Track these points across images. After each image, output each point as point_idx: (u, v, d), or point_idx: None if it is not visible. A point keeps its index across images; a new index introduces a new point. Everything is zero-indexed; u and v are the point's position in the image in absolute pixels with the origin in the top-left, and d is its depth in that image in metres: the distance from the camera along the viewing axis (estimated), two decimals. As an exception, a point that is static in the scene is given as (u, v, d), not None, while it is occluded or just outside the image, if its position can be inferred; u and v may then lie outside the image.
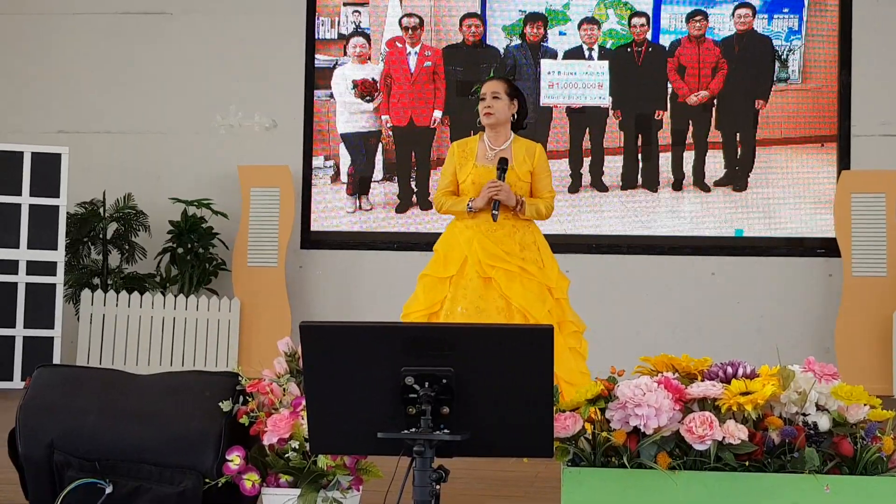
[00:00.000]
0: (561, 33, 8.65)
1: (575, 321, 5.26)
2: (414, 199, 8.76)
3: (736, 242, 8.50)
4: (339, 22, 8.90)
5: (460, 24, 8.77)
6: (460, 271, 5.16)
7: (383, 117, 8.80)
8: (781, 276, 8.37)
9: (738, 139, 8.50)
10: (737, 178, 8.49)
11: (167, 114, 8.99)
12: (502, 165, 5.13)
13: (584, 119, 8.64)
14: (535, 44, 8.65)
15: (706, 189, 8.50)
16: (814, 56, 8.46)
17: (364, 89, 8.83)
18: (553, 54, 8.66)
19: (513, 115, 5.30)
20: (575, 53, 8.66)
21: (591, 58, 8.65)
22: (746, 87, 8.52)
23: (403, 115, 8.79)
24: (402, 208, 8.77)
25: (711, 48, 8.55)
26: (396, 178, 8.78)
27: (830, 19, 8.45)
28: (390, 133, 8.79)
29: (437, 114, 8.75)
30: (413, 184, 8.77)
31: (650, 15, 8.60)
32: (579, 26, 8.65)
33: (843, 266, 8.06)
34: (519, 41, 8.68)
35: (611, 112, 8.60)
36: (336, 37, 8.90)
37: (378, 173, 8.81)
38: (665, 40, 8.60)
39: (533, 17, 8.67)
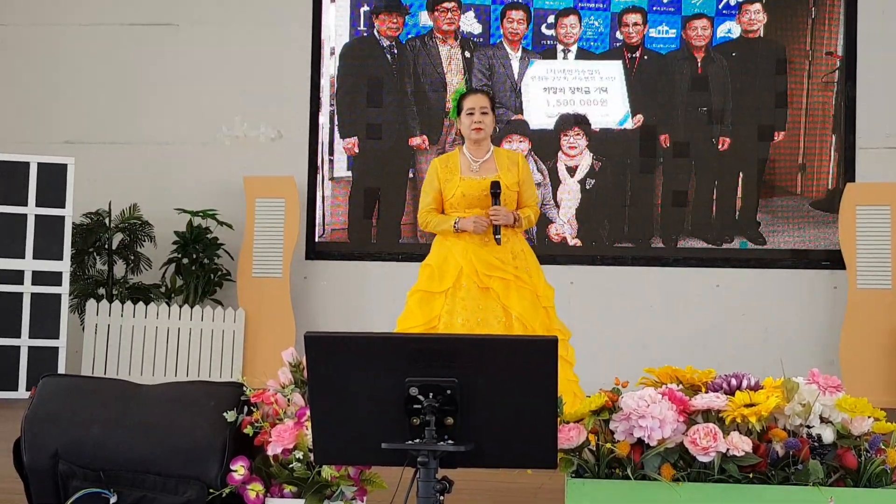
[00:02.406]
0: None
1: (561, 329, 5.32)
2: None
3: (741, 255, 8.49)
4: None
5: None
6: (455, 283, 5.21)
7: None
8: (786, 288, 8.37)
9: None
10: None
11: (173, 124, 9.01)
12: (495, 190, 5.19)
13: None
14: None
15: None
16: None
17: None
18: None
19: (495, 128, 5.47)
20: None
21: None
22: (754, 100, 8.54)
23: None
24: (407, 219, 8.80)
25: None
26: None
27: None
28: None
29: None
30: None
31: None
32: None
33: (848, 278, 8.05)
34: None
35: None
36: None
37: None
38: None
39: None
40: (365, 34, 8.98)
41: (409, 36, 8.92)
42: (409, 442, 2.26)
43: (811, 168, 8.47)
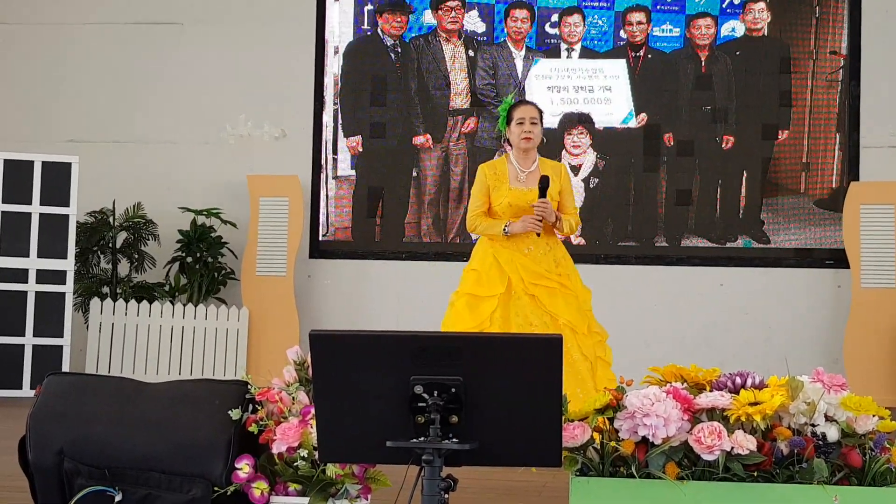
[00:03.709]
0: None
1: (600, 331, 5.44)
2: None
3: (744, 253, 8.49)
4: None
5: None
6: (507, 290, 5.28)
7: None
8: (790, 287, 8.36)
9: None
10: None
11: (177, 123, 9.02)
12: (544, 183, 5.25)
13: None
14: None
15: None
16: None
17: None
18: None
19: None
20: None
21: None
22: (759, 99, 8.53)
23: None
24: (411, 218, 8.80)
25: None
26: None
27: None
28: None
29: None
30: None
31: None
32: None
33: (852, 277, 8.05)
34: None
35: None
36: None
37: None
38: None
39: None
40: (368, 33, 8.98)
41: (413, 35, 8.92)
42: (414, 440, 2.26)
43: (815, 167, 8.47)
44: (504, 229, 5.29)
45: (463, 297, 5.38)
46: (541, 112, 5.51)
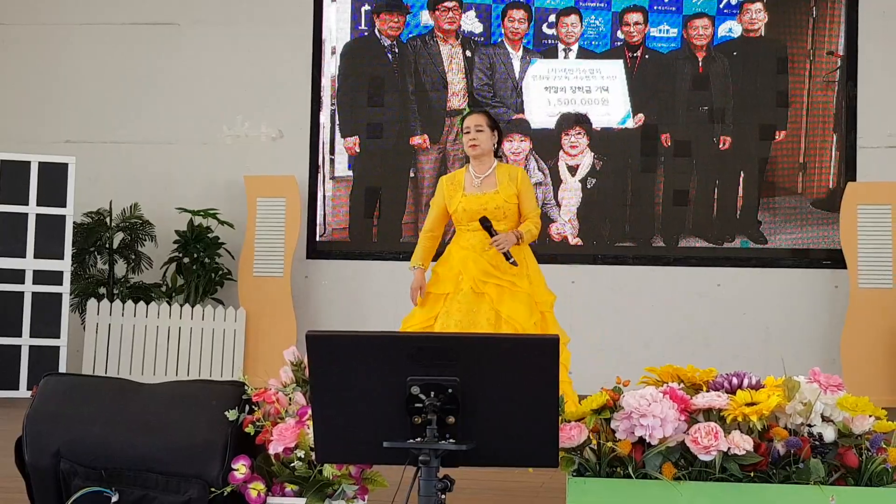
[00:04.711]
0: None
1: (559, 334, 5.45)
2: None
3: (742, 254, 8.49)
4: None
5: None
6: (456, 287, 5.48)
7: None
8: (787, 287, 8.37)
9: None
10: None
11: (174, 124, 9.01)
12: (486, 225, 5.47)
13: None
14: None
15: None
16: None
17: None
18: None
19: (494, 144, 5.68)
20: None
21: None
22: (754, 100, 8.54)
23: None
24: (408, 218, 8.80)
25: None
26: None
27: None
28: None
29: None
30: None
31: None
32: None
33: (849, 277, 8.05)
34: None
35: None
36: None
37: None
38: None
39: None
40: (366, 33, 8.98)
41: (410, 35, 8.92)
42: (411, 441, 2.26)
43: (812, 167, 8.47)
44: (413, 266, 5.68)
45: (426, 296, 5.61)
46: (492, 119, 5.69)
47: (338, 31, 9.00)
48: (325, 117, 8.95)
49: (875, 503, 2.54)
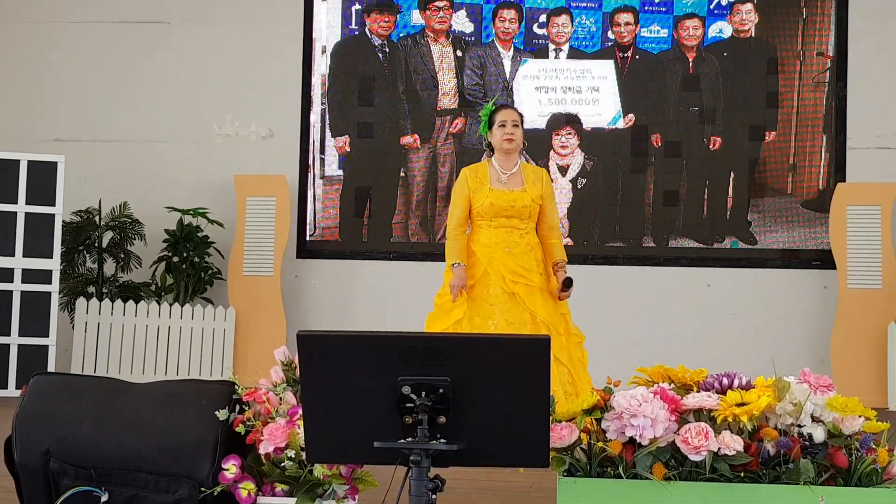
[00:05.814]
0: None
1: (578, 333, 5.47)
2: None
3: (731, 254, 8.51)
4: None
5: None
6: (480, 282, 5.31)
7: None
8: (777, 287, 8.38)
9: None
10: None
11: (164, 122, 8.99)
12: (568, 283, 5.36)
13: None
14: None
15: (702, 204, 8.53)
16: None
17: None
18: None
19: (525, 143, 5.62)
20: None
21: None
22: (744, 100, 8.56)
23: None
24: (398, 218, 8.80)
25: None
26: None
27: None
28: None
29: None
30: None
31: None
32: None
33: (839, 278, 8.07)
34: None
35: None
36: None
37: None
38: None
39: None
40: (356, 33, 8.98)
41: (401, 35, 8.92)
42: (402, 441, 2.26)
43: (802, 168, 8.49)
44: (453, 265, 5.33)
45: (444, 297, 5.41)
46: (521, 116, 5.58)
47: (328, 31, 8.99)
48: (315, 117, 8.94)
49: (864, 503, 2.54)
